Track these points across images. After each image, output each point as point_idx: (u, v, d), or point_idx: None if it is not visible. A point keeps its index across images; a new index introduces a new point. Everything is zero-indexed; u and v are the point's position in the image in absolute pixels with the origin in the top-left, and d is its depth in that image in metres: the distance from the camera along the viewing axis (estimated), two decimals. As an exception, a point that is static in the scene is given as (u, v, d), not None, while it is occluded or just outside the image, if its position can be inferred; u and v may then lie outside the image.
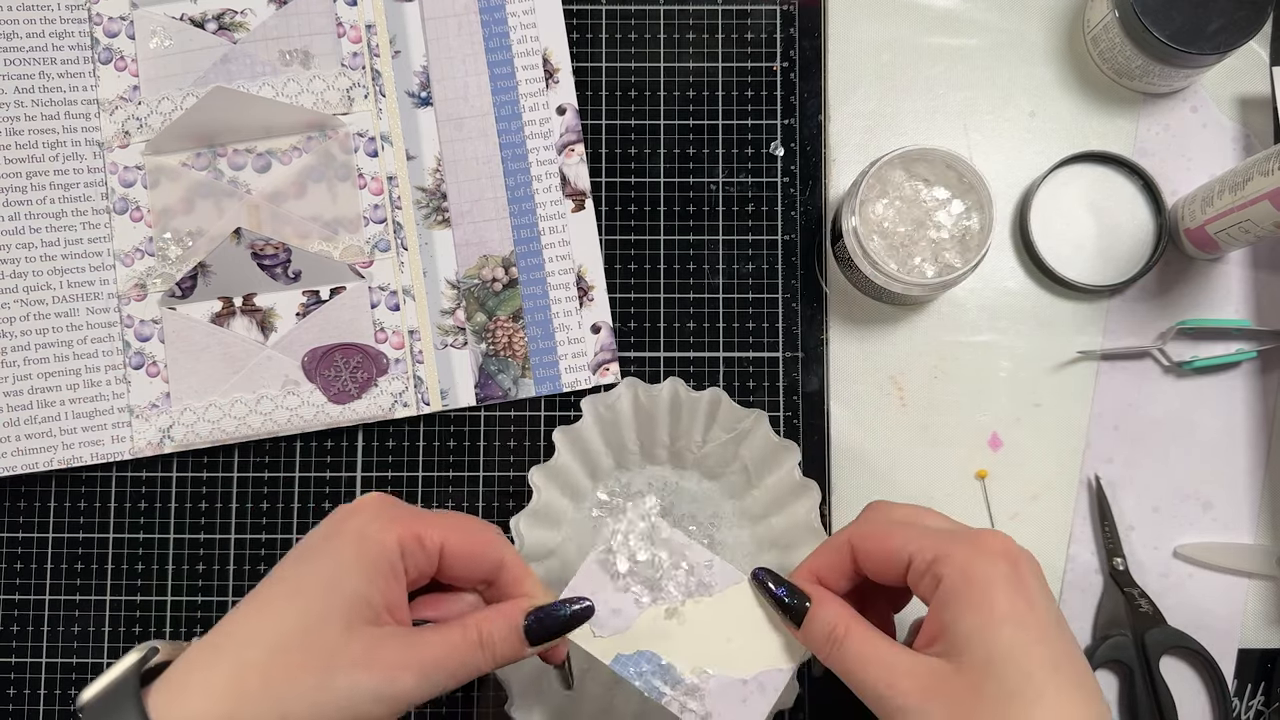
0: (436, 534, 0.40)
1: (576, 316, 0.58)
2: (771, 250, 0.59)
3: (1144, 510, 0.57)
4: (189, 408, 0.56)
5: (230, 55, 0.58)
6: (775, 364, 0.58)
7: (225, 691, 0.36)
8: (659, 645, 0.43)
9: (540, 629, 0.41)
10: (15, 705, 0.56)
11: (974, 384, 0.57)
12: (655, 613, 0.44)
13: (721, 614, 0.44)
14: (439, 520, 0.41)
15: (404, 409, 0.57)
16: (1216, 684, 0.55)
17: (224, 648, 0.37)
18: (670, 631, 0.43)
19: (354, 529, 0.39)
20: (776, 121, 0.59)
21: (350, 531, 0.39)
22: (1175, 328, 0.57)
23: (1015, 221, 0.59)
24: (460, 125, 0.58)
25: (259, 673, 0.36)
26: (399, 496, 0.57)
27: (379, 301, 0.57)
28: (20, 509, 0.57)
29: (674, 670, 0.43)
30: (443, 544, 0.40)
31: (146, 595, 0.57)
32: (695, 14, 0.60)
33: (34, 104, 0.57)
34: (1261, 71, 0.58)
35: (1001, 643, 0.37)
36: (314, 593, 0.38)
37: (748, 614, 0.44)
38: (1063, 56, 0.59)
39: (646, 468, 0.56)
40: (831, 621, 0.41)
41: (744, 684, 0.43)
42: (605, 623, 0.43)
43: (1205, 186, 0.54)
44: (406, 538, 0.39)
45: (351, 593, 0.38)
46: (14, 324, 0.56)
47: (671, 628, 0.43)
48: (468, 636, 0.39)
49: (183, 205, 0.57)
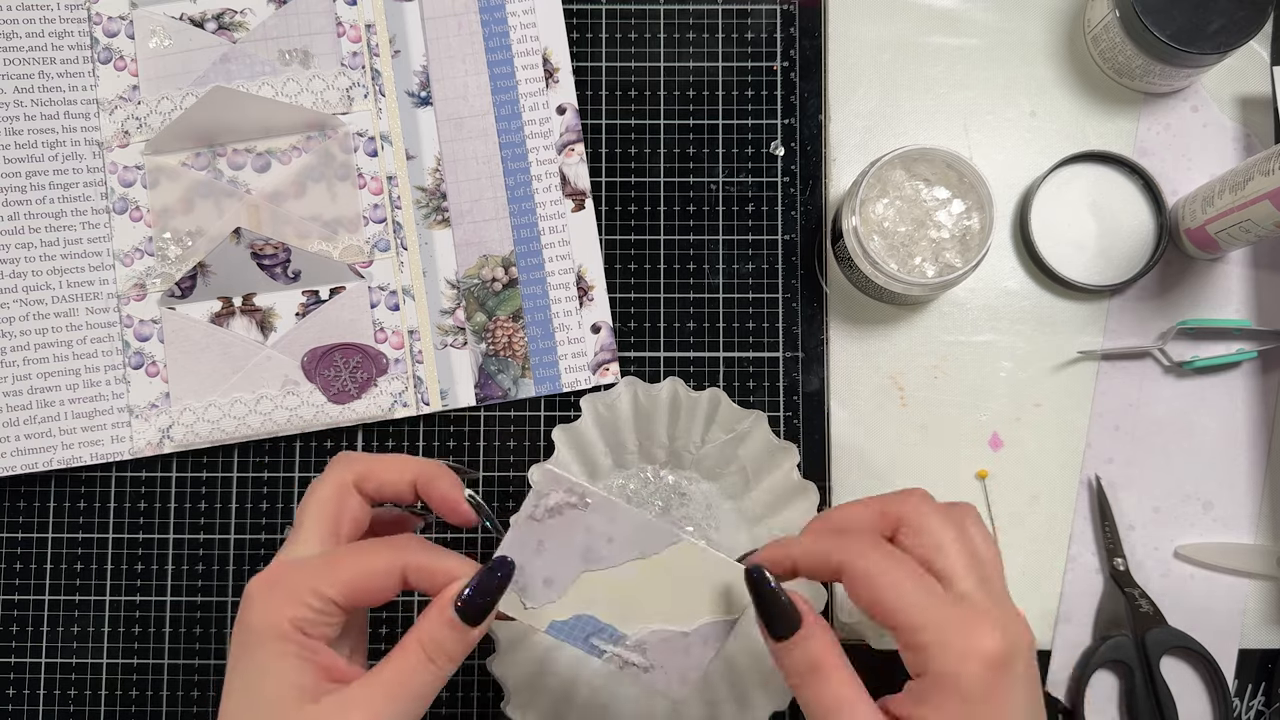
0: (318, 591, 0.39)
1: (576, 316, 0.58)
2: (771, 250, 0.58)
3: (1144, 510, 0.57)
4: (188, 408, 0.56)
5: (230, 55, 0.58)
6: (775, 364, 0.58)
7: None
8: (594, 608, 0.42)
9: (474, 608, 0.40)
10: (15, 705, 0.56)
11: (974, 384, 0.57)
12: (589, 579, 0.42)
13: (658, 574, 0.42)
14: (323, 570, 0.40)
15: (404, 409, 0.57)
16: (1217, 684, 0.55)
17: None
18: (603, 594, 0.42)
19: (249, 635, 0.39)
20: (776, 121, 0.59)
21: (247, 639, 0.39)
22: (1176, 328, 0.57)
23: (1015, 221, 0.58)
24: (460, 125, 0.58)
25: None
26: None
27: (379, 301, 0.57)
28: (20, 509, 0.57)
29: (612, 630, 0.42)
30: (331, 596, 0.39)
31: (146, 595, 0.57)
32: (695, 14, 0.60)
33: (33, 104, 0.57)
34: (1262, 71, 0.58)
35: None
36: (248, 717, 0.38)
37: (686, 572, 0.42)
38: (1063, 56, 0.59)
39: (645, 467, 0.56)
40: (819, 656, 0.38)
41: (685, 636, 0.42)
42: (536, 593, 0.42)
43: (1206, 186, 0.54)
44: (296, 613, 0.39)
45: (276, 696, 0.38)
46: (13, 324, 0.56)
47: (604, 590, 0.42)
48: (411, 657, 0.39)
49: (182, 205, 0.57)
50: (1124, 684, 0.56)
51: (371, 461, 0.43)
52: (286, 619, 0.39)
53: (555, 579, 0.42)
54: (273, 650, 0.38)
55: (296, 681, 0.38)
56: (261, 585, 0.40)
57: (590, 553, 0.42)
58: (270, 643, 0.39)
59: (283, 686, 0.38)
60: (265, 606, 0.39)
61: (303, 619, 0.39)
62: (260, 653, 0.39)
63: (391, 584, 0.40)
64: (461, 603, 0.40)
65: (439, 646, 0.39)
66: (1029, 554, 0.56)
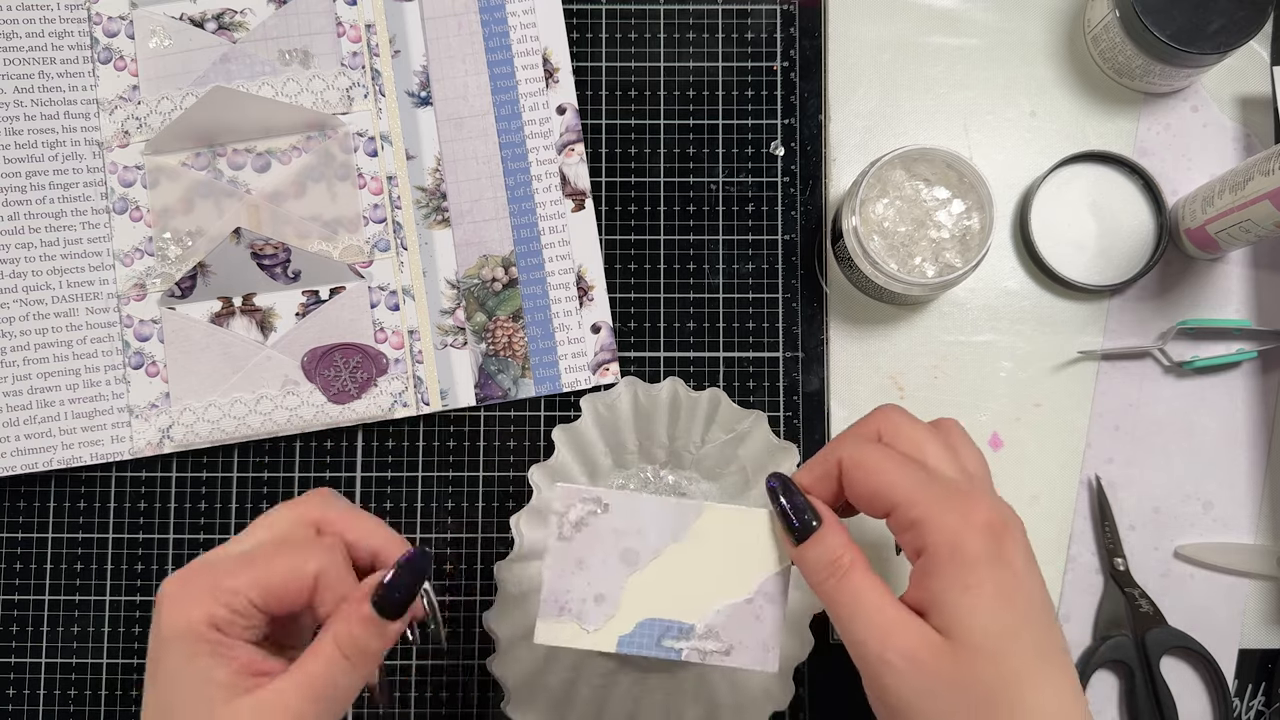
0: (230, 592, 0.38)
1: (576, 316, 0.58)
2: (771, 250, 0.58)
3: (1144, 510, 0.57)
4: (188, 408, 0.56)
5: (230, 55, 0.58)
6: (775, 364, 0.58)
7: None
8: (653, 610, 0.42)
9: (390, 604, 0.39)
10: (15, 705, 0.56)
11: (974, 384, 0.57)
12: (635, 581, 0.42)
13: (698, 551, 0.42)
14: (235, 571, 0.39)
15: (404, 409, 0.57)
16: (1217, 684, 0.55)
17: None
18: (656, 592, 0.42)
19: (162, 635, 0.38)
20: (776, 121, 0.59)
21: (161, 640, 0.38)
22: (1176, 328, 0.57)
23: (1016, 221, 0.58)
24: (460, 125, 0.58)
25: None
26: (399, 496, 0.57)
27: (379, 301, 0.57)
28: (20, 509, 0.57)
29: (678, 624, 0.42)
30: (246, 596, 0.38)
31: (146, 595, 0.57)
32: (695, 14, 0.60)
33: (33, 104, 0.57)
34: (1262, 71, 0.58)
35: (992, 629, 0.37)
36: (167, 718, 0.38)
37: (722, 539, 0.42)
38: (1063, 56, 0.59)
39: (645, 467, 0.56)
40: (838, 550, 0.39)
41: (749, 603, 0.42)
42: (591, 614, 0.42)
43: (1206, 186, 0.54)
44: (209, 613, 0.38)
45: (193, 696, 0.37)
46: (13, 324, 0.56)
47: (656, 587, 0.42)
48: (327, 655, 0.38)
49: (182, 205, 0.57)
50: (1124, 684, 0.56)
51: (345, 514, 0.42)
52: (200, 618, 0.38)
53: (605, 593, 0.42)
54: (186, 650, 0.37)
55: (213, 678, 0.37)
56: (174, 584, 0.39)
57: (628, 553, 0.42)
58: (184, 643, 0.37)
59: (199, 685, 0.37)
60: (177, 606, 0.38)
61: (217, 617, 0.38)
62: (174, 653, 0.38)
63: (306, 589, 0.39)
64: (378, 597, 0.39)
65: (355, 644, 0.38)
66: (1029, 554, 0.56)
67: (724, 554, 0.42)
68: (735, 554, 0.42)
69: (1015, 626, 0.37)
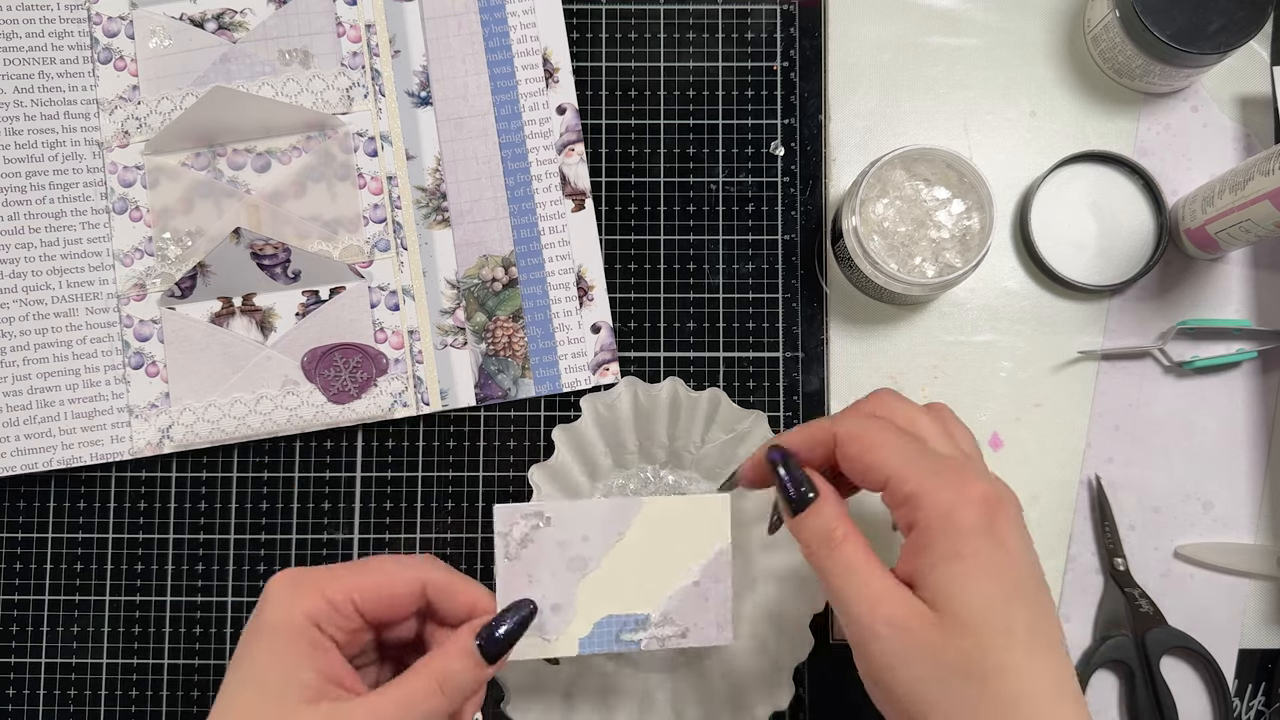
0: (340, 589, 0.40)
1: (576, 316, 0.58)
2: (771, 250, 0.58)
3: (1144, 510, 0.57)
4: (188, 408, 0.56)
5: (230, 55, 0.58)
6: (775, 364, 0.58)
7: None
8: (608, 607, 0.43)
9: (494, 646, 0.40)
10: (15, 705, 0.56)
11: (974, 384, 0.57)
12: (587, 584, 0.43)
13: (643, 543, 0.44)
14: (345, 574, 0.40)
15: (404, 409, 0.57)
16: (1217, 684, 0.55)
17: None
18: (609, 590, 0.43)
19: (262, 624, 0.39)
20: (776, 121, 0.59)
21: (260, 628, 0.39)
22: (1176, 328, 0.57)
23: (1016, 221, 0.58)
24: (460, 125, 0.58)
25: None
26: (398, 496, 0.57)
27: (379, 301, 0.57)
28: (20, 509, 0.57)
29: (635, 617, 0.43)
30: (351, 596, 0.40)
31: (146, 595, 0.57)
32: (695, 14, 0.60)
33: (33, 104, 0.57)
34: (1262, 71, 0.58)
35: (979, 602, 0.37)
36: (246, 706, 0.38)
37: (664, 529, 0.44)
38: (1063, 56, 0.59)
39: (645, 467, 0.56)
40: (833, 522, 0.40)
41: (697, 585, 0.44)
42: (550, 623, 0.43)
43: (1206, 186, 0.54)
44: (314, 607, 0.39)
45: (278, 689, 0.38)
46: (13, 324, 0.56)
47: (608, 586, 0.43)
48: (424, 684, 0.39)
49: (182, 205, 0.57)
50: (1124, 684, 0.56)
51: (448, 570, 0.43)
52: (303, 612, 0.39)
53: (560, 602, 0.43)
54: (283, 641, 0.39)
55: (300, 678, 0.38)
56: (285, 579, 0.40)
57: (575, 560, 0.43)
58: (282, 634, 0.39)
59: (286, 680, 0.38)
60: (282, 598, 0.39)
61: (319, 614, 0.39)
62: (270, 642, 0.39)
63: (412, 595, 0.41)
64: (483, 641, 0.40)
65: (452, 678, 0.39)
66: (1029, 554, 0.56)
67: (668, 543, 0.44)
68: (678, 542, 0.44)
69: (1002, 601, 0.37)
